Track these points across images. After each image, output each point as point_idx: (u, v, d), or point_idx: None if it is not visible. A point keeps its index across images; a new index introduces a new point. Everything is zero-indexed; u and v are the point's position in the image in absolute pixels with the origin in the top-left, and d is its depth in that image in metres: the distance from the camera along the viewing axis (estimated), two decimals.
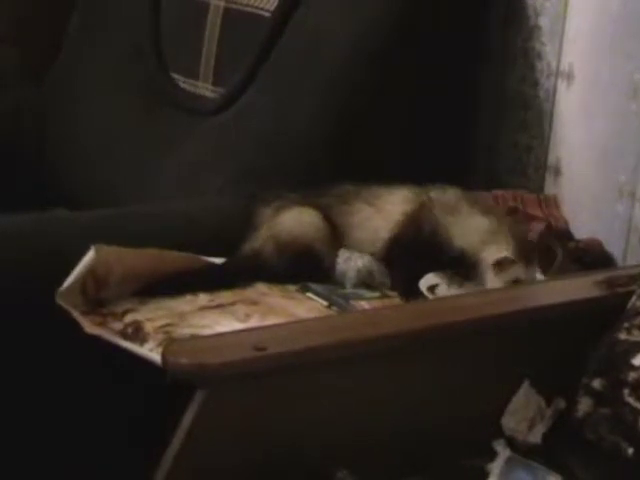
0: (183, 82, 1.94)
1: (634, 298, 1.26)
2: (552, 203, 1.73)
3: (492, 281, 1.41)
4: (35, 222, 1.54)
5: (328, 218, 1.48)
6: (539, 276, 1.48)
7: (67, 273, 1.28)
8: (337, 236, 1.48)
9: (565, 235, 1.68)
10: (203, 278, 1.39)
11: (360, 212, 1.49)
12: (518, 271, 1.41)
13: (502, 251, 1.41)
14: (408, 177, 1.54)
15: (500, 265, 1.40)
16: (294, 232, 1.46)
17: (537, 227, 1.65)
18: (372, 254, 1.47)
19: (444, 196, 1.48)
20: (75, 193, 2.01)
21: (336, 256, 1.46)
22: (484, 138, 1.88)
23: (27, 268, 1.39)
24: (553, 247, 1.59)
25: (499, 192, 1.75)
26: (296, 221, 1.47)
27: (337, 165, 1.65)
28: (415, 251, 1.45)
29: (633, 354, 1.21)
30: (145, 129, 1.97)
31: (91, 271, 1.27)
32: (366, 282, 1.45)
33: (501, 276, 1.41)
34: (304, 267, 1.44)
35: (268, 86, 1.77)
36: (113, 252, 1.29)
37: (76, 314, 1.26)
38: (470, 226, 1.45)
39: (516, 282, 1.41)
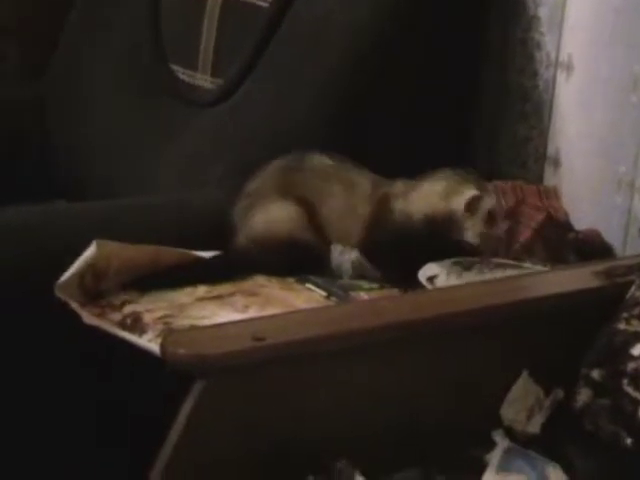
0: (182, 73, 1.94)
1: (633, 288, 1.26)
2: (552, 194, 1.73)
3: (472, 226, 1.45)
4: (35, 214, 1.54)
5: (300, 198, 1.47)
6: (540, 267, 1.49)
7: (67, 265, 1.28)
8: (312, 212, 1.47)
9: (565, 226, 1.68)
10: (199, 272, 1.38)
11: (338, 197, 1.48)
12: (488, 202, 1.45)
13: (465, 194, 1.44)
14: (408, 168, 1.54)
15: (470, 205, 1.44)
16: (270, 232, 1.46)
17: (537, 217, 1.65)
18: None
19: (396, 185, 1.49)
20: (75, 185, 2.01)
21: (318, 231, 1.46)
22: (484, 129, 1.88)
23: (27, 260, 1.39)
24: (553, 237, 1.60)
25: (499, 183, 1.74)
26: (267, 219, 1.46)
27: (338, 153, 1.65)
28: (389, 247, 1.46)
29: (632, 344, 1.21)
30: (144, 121, 1.97)
31: (91, 265, 1.27)
32: (362, 274, 1.46)
33: (477, 215, 1.44)
34: (294, 259, 1.43)
35: (267, 77, 1.77)
36: (114, 247, 1.29)
37: (74, 305, 1.26)
38: (423, 194, 1.47)
39: (491, 214, 1.45)
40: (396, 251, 1.45)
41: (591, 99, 1.70)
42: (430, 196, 1.47)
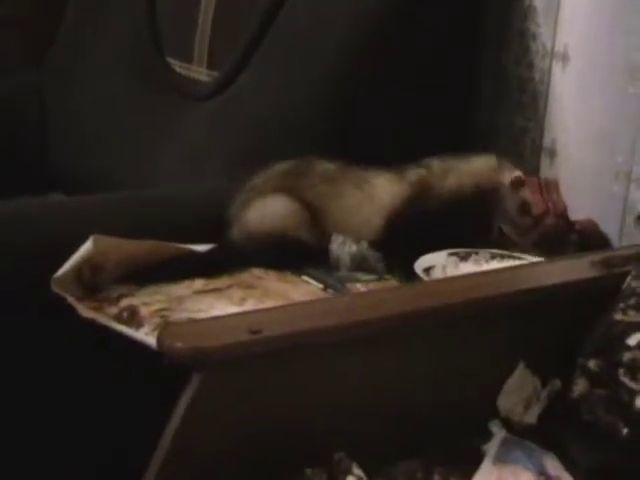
0: (178, 66, 1.94)
1: (629, 278, 1.26)
2: (553, 187, 1.73)
3: (510, 202, 1.48)
4: (32, 207, 1.54)
5: (303, 199, 1.47)
6: (535, 258, 1.49)
7: (63, 258, 1.28)
8: (314, 212, 1.47)
9: (564, 220, 1.68)
10: (194, 266, 1.38)
11: (349, 197, 1.48)
12: (526, 193, 1.50)
13: (514, 171, 1.49)
14: (406, 159, 1.54)
15: (515, 183, 1.48)
16: (264, 226, 1.45)
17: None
18: (360, 239, 1.47)
19: (428, 168, 1.51)
20: (74, 178, 2.01)
21: (321, 236, 1.45)
22: (480, 120, 1.88)
23: (24, 252, 1.39)
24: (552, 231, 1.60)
25: None
26: (263, 214, 1.46)
27: (335, 147, 1.65)
28: (422, 227, 1.45)
29: (628, 334, 1.21)
30: (141, 114, 1.97)
31: (88, 260, 1.28)
32: (361, 267, 1.45)
33: (515, 196, 1.49)
34: (288, 255, 1.43)
35: (263, 69, 1.77)
36: (111, 242, 1.29)
37: (71, 299, 1.26)
38: (476, 167, 1.50)
39: (525, 205, 1.49)
40: (424, 236, 1.45)
41: (587, 89, 1.70)
42: (481, 170, 1.50)
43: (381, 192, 1.49)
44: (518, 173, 1.50)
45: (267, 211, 1.46)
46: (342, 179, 1.48)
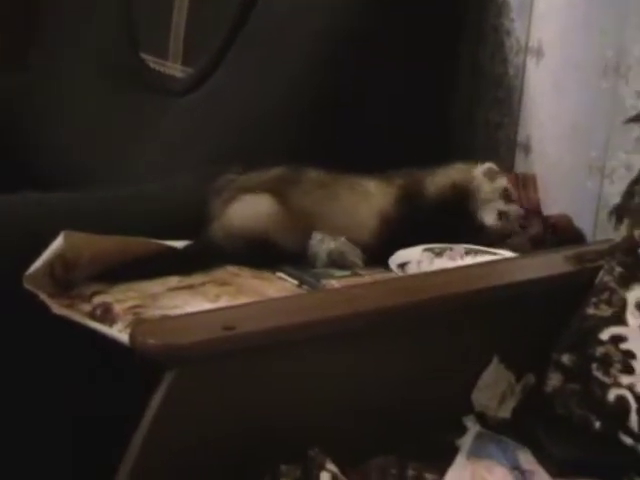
0: (153, 63, 1.93)
1: (602, 273, 1.27)
2: (530, 183, 1.74)
3: (486, 190, 1.51)
4: (5, 204, 1.52)
5: (297, 206, 1.47)
6: (509, 253, 1.49)
7: (36, 255, 1.27)
8: (306, 217, 1.47)
9: (537, 216, 1.69)
10: (170, 262, 1.38)
11: (345, 198, 1.49)
12: (503, 181, 1.53)
13: (484, 165, 1.53)
14: (384, 154, 1.54)
15: (489, 173, 1.51)
16: (242, 225, 1.45)
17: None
18: (358, 241, 1.47)
19: (410, 175, 1.54)
20: (48, 176, 2.00)
21: (300, 238, 1.46)
22: (457, 117, 1.88)
23: None
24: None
25: None
26: (244, 213, 1.45)
27: (310, 142, 1.65)
28: (414, 226, 1.48)
29: (601, 329, 1.22)
30: (117, 110, 1.96)
31: (60, 256, 1.27)
32: (337, 263, 1.45)
33: (492, 185, 1.51)
34: (261, 256, 1.43)
35: (238, 65, 1.77)
36: (82, 238, 1.29)
37: (43, 296, 1.25)
38: (449, 169, 1.54)
39: (507, 191, 1.52)
40: (417, 232, 1.48)
41: (561, 85, 1.70)
42: (454, 169, 1.54)
43: (374, 192, 1.50)
44: (490, 164, 1.52)
45: (250, 209, 1.46)
46: (335, 183, 1.50)
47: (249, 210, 1.46)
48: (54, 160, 2.02)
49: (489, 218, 1.52)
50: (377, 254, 1.47)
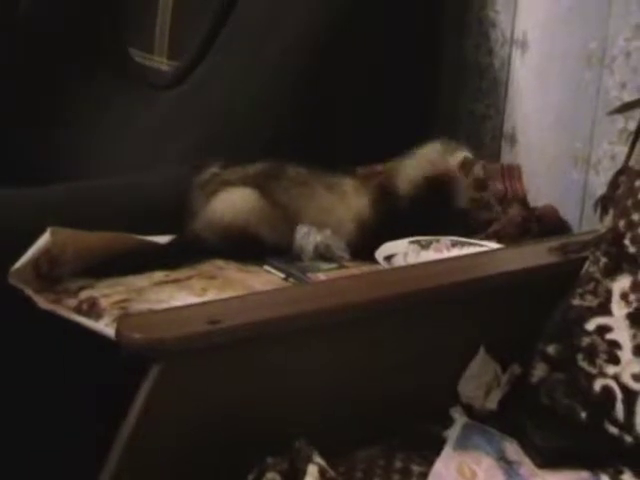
0: (138, 56, 1.93)
1: (587, 264, 1.27)
2: (516, 173, 1.74)
3: (465, 187, 1.50)
4: None
5: (277, 201, 1.47)
6: (495, 245, 1.50)
7: (21, 249, 1.27)
8: (287, 212, 1.47)
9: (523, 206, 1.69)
10: (154, 258, 1.38)
11: (322, 198, 1.49)
12: (478, 169, 1.53)
13: (459, 155, 1.50)
14: (369, 145, 1.54)
15: (464, 165, 1.49)
16: (226, 218, 1.45)
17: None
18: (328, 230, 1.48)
19: (385, 170, 1.54)
20: (34, 169, 1.99)
21: (283, 232, 1.46)
22: (442, 108, 1.88)
23: None
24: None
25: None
26: (227, 206, 1.46)
27: (296, 134, 1.65)
28: (391, 227, 1.47)
29: (586, 319, 1.22)
30: (102, 103, 1.96)
31: (45, 252, 1.27)
32: (324, 256, 1.46)
33: (469, 178, 1.50)
34: (244, 249, 1.43)
35: (223, 58, 1.77)
36: (68, 234, 1.28)
37: (29, 291, 1.25)
38: (420, 159, 1.51)
39: (478, 181, 1.52)
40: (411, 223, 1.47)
41: (546, 76, 1.71)
42: (427, 160, 1.51)
43: (350, 195, 1.50)
44: (464, 154, 1.50)
45: (234, 202, 1.46)
46: (313, 182, 1.50)
47: (233, 203, 1.46)
48: (33, 152, 2.01)
49: (466, 208, 1.52)
50: (358, 252, 1.47)
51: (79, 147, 1.95)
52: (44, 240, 1.26)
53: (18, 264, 1.26)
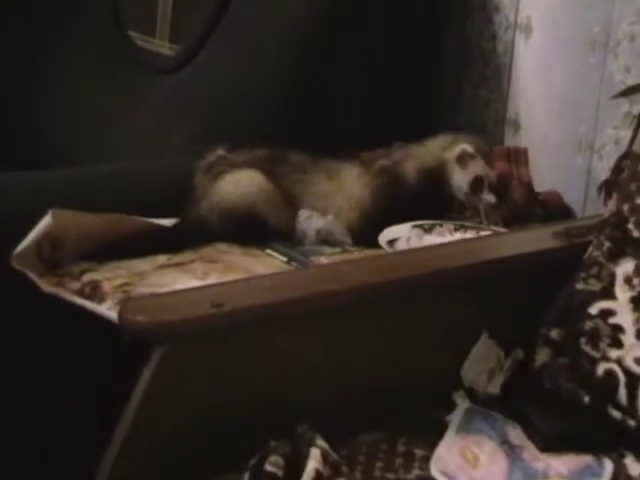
0: (140, 40, 1.92)
1: (591, 248, 1.27)
2: (522, 157, 1.73)
3: (458, 177, 1.49)
4: None
5: (279, 185, 1.47)
6: (500, 229, 1.49)
7: (22, 234, 1.26)
8: (288, 197, 1.47)
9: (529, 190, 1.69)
10: (159, 241, 1.38)
11: (321, 184, 1.49)
12: (478, 165, 1.49)
13: (457, 148, 1.49)
14: (370, 131, 1.54)
15: (462, 158, 1.48)
16: (232, 198, 1.45)
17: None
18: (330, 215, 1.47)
19: (392, 155, 1.53)
20: (36, 154, 1.99)
21: (287, 216, 1.46)
22: (445, 93, 1.88)
23: None
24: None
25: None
26: (234, 187, 1.45)
27: (299, 118, 1.65)
28: (392, 215, 1.47)
29: (590, 304, 1.22)
30: (104, 88, 1.96)
31: (47, 234, 1.26)
32: (326, 241, 1.45)
33: (464, 172, 1.49)
34: (249, 231, 1.43)
35: (225, 42, 1.76)
36: (70, 216, 1.28)
37: (32, 275, 1.25)
38: (423, 150, 1.52)
39: (477, 180, 1.48)
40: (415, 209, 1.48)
41: (550, 61, 1.70)
42: (428, 151, 1.52)
43: (350, 184, 1.50)
44: (463, 147, 1.49)
45: (242, 183, 1.46)
46: (314, 168, 1.50)
47: (239, 184, 1.46)
48: (36, 138, 2.01)
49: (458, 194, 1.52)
50: (359, 239, 1.47)
51: (80, 132, 1.95)
52: (46, 222, 1.26)
53: (20, 247, 1.25)
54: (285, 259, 1.39)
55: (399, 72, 1.76)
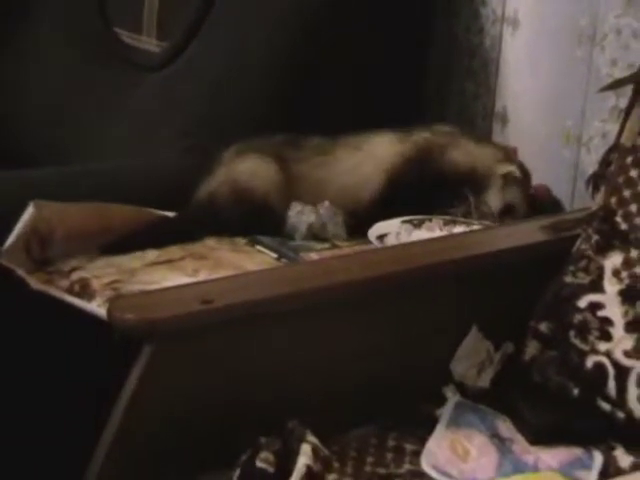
0: (126, 37, 1.92)
1: (579, 241, 1.27)
2: (511, 155, 1.73)
3: (494, 194, 1.51)
4: None
5: (295, 171, 1.47)
6: (489, 223, 1.50)
7: (8, 234, 1.26)
8: (300, 188, 1.47)
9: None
10: (156, 233, 1.38)
11: (347, 159, 1.49)
12: (515, 194, 1.51)
13: (510, 167, 1.52)
14: (358, 125, 1.54)
15: (506, 178, 1.50)
16: (251, 182, 1.46)
17: None
18: (360, 199, 1.49)
19: (435, 134, 1.54)
20: (25, 150, 1.98)
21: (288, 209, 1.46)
22: (432, 87, 1.88)
23: None
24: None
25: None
26: (254, 171, 1.47)
27: (287, 112, 1.65)
28: (419, 187, 1.48)
29: (578, 297, 1.22)
30: (91, 86, 1.95)
31: (34, 230, 1.26)
32: (318, 236, 1.45)
33: (503, 191, 1.51)
34: (257, 219, 1.44)
35: (212, 38, 1.76)
36: (54, 208, 1.28)
37: (21, 272, 1.25)
38: (482, 152, 1.54)
39: (509, 207, 1.51)
40: (421, 195, 1.48)
41: (537, 54, 1.70)
42: (484, 156, 1.53)
43: (381, 150, 1.51)
44: (512, 169, 1.52)
45: (261, 169, 1.47)
46: (336, 146, 1.50)
47: (254, 170, 1.46)
48: (23, 136, 2.01)
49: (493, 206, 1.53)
50: (377, 214, 1.47)
51: (67, 130, 1.94)
52: (28, 214, 1.25)
53: (8, 243, 1.25)
54: (275, 255, 1.39)
55: (387, 66, 1.76)
